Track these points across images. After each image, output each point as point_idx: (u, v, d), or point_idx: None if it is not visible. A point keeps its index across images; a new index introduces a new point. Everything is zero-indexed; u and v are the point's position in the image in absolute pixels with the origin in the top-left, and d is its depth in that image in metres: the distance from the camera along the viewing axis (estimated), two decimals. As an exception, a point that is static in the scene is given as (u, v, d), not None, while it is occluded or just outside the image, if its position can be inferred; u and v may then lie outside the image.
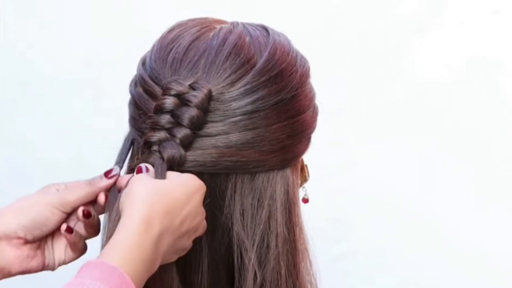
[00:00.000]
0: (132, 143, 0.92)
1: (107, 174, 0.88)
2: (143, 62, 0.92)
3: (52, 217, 0.88)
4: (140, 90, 0.90)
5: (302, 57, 0.93)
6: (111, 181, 0.88)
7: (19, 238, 0.88)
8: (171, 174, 0.84)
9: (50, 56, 1.76)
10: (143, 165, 0.84)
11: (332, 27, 1.75)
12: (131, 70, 0.95)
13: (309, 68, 0.93)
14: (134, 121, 0.91)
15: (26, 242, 0.89)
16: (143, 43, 0.98)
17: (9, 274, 0.90)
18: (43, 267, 0.91)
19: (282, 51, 0.89)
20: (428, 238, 1.78)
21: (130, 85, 0.93)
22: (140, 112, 0.89)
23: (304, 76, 0.91)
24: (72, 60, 1.76)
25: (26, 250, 0.89)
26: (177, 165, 0.85)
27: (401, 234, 1.79)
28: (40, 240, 0.90)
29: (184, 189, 0.82)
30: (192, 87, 0.85)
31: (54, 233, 0.91)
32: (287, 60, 0.89)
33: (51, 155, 1.78)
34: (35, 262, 0.90)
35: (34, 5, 1.77)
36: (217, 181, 0.88)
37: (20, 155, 1.80)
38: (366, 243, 1.79)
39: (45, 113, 1.78)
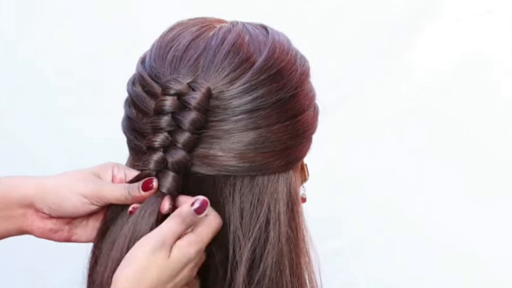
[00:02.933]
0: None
1: (145, 187, 0.85)
2: (142, 61, 0.92)
3: (82, 207, 0.88)
4: (139, 88, 0.90)
5: (301, 56, 0.93)
6: (147, 194, 0.85)
7: (44, 213, 0.89)
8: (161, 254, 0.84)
9: (50, 56, 1.76)
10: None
11: (328, 24, 1.75)
12: (131, 70, 0.95)
13: (308, 67, 0.92)
14: (130, 121, 0.90)
15: (51, 217, 0.90)
16: (142, 43, 0.97)
17: (32, 235, 0.92)
18: (67, 241, 0.92)
19: (282, 50, 0.89)
20: (420, 235, 1.79)
21: (128, 84, 0.93)
22: (138, 111, 0.89)
23: (304, 75, 0.91)
24: (72, 60, 1.76)
25: (50, 224, 0.90)
26: (183, 169, 0.85)
27: (393, 231, 1.79)
28: (72, 218, 0.90)
29: (172, 267, 0.83)
30: (191, 86, 0.85)
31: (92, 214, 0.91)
32: (287, 59, 0.89)
33: (49, 156, 1.78)
34: (57, 236, 0.91)
35: (34, 5, 1.76)
36: (216, 177, 0.87)
37: (18, 156, 1.79)
38: (358, 240, 1.80)
39: (44, 114, 1.78)
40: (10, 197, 0.89)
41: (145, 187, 0.85)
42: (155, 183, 0.85)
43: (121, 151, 0.95)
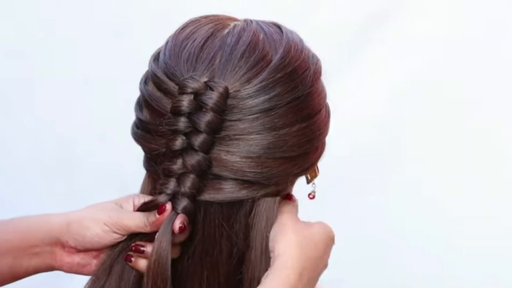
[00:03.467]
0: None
1: (160, 210, 0.86)
2: (155, 58, 0.91)
3: (105, 235, 0.89)
4: (152, 87, 0.89)
5: (314, 55, 0.93)
6: (163, 216, 0.86)
7: (71, 247, 0.91)
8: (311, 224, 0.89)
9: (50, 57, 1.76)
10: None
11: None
12: (129, 71, 0.93)
13: (320, 66, 0.92)
14: (143, 124, 0.89)
15: (79, 251, 0.91)
16: (142, 45, 0.96)
17: (61, 270, 0.93)
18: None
19: (296, 49, 0.89)
20: (421, 234, 1.79)
21: (140, 83, 0.91)
22: (152, 111, 0.88)
23: (317, 74, 0.91)
24: (71, 61, 1.76)
25: (77, 259, 0.92)
26: (202, 171, 0.85)
27: (394, 230, 1.80)
28: (99, 250, 0.91)
29: (325, 242, 0.88)
30: (208, 85, 0.84)
31: None
32: (301, 58, 0.89)
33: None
34: (86, 270, 0.93)
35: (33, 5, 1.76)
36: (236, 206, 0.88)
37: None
38: (358, 239, 1.80)
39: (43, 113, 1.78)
40: (35, 233, 0.91)
41: (160, 210, 0.86)
42: (168, 205, 0.86)
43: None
